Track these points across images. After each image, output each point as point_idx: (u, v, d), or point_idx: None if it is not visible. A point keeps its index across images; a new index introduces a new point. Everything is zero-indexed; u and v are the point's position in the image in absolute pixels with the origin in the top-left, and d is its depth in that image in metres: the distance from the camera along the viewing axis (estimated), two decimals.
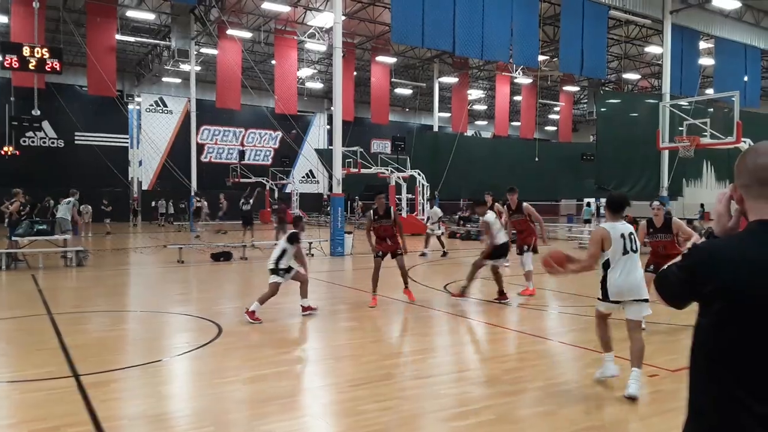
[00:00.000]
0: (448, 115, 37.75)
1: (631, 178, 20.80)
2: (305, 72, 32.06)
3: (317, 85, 35.64)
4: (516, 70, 29.93)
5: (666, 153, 19.13)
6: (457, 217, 28.03)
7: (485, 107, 43.08)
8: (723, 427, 1.55)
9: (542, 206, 31.61)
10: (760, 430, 1.49)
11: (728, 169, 20.70)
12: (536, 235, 10.05)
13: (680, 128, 15.66)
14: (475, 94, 38.35)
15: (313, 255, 15.97)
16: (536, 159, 28.20)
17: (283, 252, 7.75)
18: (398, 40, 17.25)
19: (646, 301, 4.87)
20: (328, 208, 22.27)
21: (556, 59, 23.26)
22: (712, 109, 17.70)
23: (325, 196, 38.11)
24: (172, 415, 4.43)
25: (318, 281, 11.48)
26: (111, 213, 25.99)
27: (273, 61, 27.55)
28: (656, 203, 7.30)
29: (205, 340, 6.59)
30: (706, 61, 24.44)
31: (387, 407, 4.54)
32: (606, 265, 4.94)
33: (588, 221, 28.47)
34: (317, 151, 35.82)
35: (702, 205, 22.47)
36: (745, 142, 14.04)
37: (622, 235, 4.87)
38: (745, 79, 22.61)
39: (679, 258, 1.73)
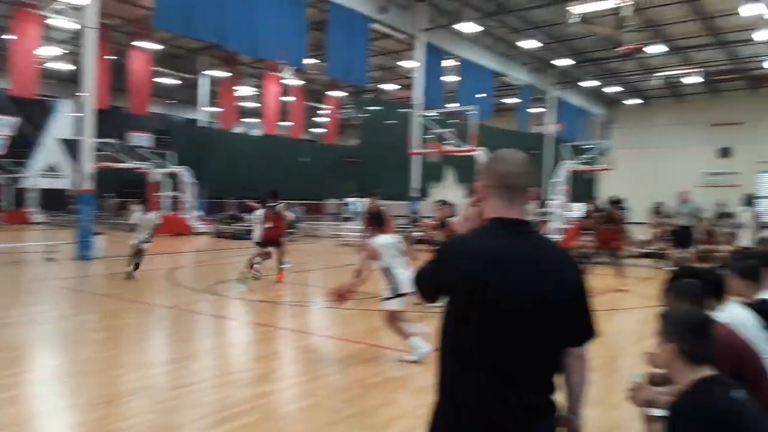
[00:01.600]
0: (216, 110, 36.47)
1: (388, 180, 22.56)
2: (50, 51, 28.06)
3: (65, 67, 31.43)
4: (285, 71, 30.22)
5: (417, 158, 21.14)
6: (226, 216, 27.29)
7: (255, 105, 42.64)
8: (465, 403, 1.71)
9: (308, 205, 32.54)
10: (497, 404, 1.67)
11: (466, 173, 23.71)
12: None
13: (429, 136, 17.48)
14: (244, 90, 37.70)
15: (53, 259, 14.01)
16: (304, 159, 28.87)
17: None
18: (161, 27, 16.10)
19: None
20: (76, 206, 19.84)
21: (323, 63, 24.06)
22: (454, 121, 20.02)
23: (72, 193, 33.90)
24: None
25: (61, 289, 10.18)
26: None
27: (9, 36, 23.59)
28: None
29: None
30: (451, 78, 27.60)
31: (141, 422, 4.23)
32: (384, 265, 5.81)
33: (349, 219, 30.07)
34: (63, 141, 31.69)
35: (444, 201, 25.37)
36: (480, 150, 16.20)
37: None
38: (481, 95, 26.07)
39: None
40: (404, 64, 29.48)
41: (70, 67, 31.58)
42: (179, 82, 33.55)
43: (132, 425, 4.18)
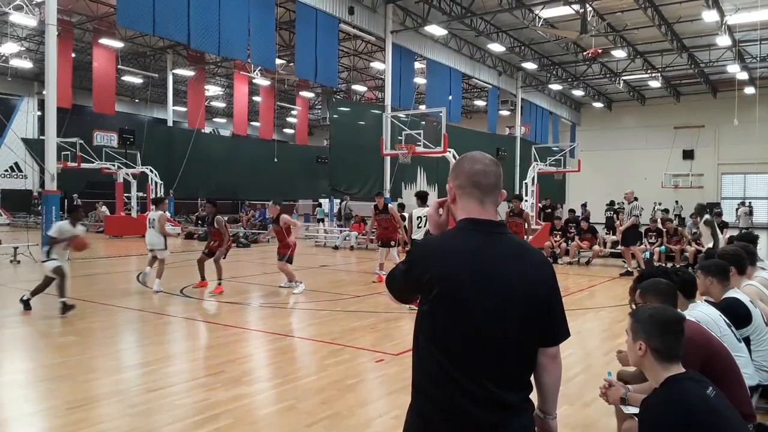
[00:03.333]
0: (184, 109, 35.86)
1: (360, 181, 22.54)
2: (10, 48, 27.26)
3: (26, 65, 30.55)
4: (254, 71, 29.95)
5: (388, 159, 21.18)
6: (194, 217, 26.91)
7: (224, 105, 42.11)
8: (440, 402, 1.73)
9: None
10: (471, 403, 1.69)
11: (436, 174, 23.85)
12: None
13: (399, 137, 17.52)
14: (213, 90, 37.19)
15: (19, 262, 13.68)
16: (275, 160, 28.65)
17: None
18: (125, 24, 15.78)
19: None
20: (40, 207, 19.35)
21: (292, 64, 23.92)
22: (424, 122, 20.09)
23: (36, 194, 32.99)
24: None
25: (28, 292, 9.88)
26: None
27: None
28: None
29: None
30: (420, 79, 27.74)
31: (113, 426, 4.16)
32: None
33: (321, 220, 29.99)
34: (25, 141, 30.82)
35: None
36: (450, 151, 16.29)
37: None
38: (450, 97, 26.27)
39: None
40: (376, 65, 29.51)
41: (31, 65, 30.77)
42: (146, 80, 32.92)
43: (104, 430, 4.11)
